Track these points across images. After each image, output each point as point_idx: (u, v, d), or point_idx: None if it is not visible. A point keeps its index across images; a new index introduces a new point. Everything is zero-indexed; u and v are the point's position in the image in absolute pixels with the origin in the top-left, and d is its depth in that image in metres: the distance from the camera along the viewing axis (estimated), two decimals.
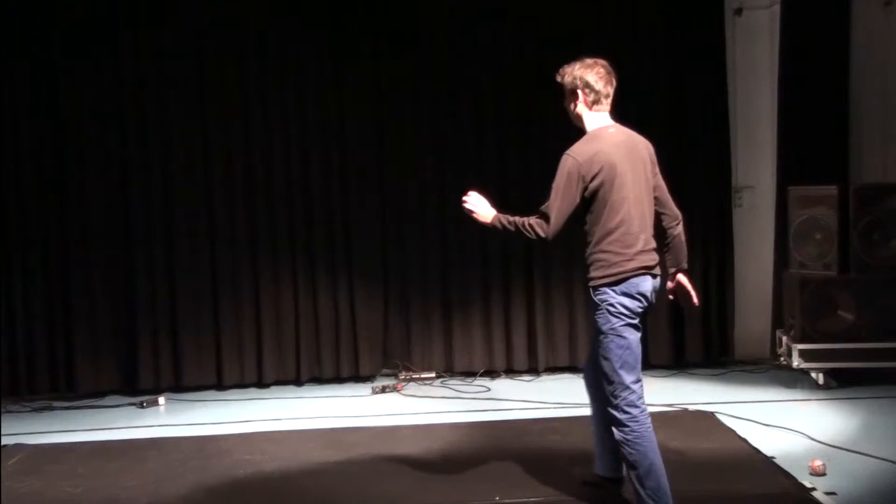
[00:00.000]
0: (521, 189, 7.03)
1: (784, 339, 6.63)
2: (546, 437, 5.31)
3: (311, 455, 5.11)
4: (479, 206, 4.10)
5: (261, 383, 6.99)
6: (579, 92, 4.05)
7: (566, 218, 3.92)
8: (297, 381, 7.01)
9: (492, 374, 7.08)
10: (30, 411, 6.54)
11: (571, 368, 7.12)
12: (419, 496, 4.44)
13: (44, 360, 6.82)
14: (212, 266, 6.92)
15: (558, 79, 4.08)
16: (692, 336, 7.11)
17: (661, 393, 6.35)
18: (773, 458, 4.70)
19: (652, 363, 7.10)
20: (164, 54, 6.83)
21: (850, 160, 7.09)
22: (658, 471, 3.76)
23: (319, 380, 7.06)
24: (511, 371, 7.11)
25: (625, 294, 3.85)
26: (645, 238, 3.94)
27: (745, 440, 5.06)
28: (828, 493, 4.16)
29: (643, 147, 4.09)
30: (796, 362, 6.29)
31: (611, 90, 4.10)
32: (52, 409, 6.60)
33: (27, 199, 6.79)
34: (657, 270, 4.00)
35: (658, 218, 4.14)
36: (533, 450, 5.04)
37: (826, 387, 6.23)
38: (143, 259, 6.86)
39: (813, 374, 6.33)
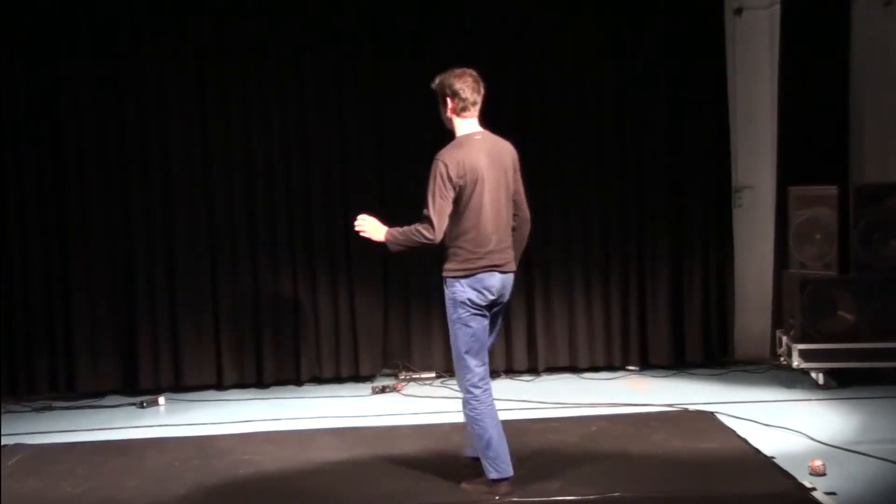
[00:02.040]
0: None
1: (784, 339, 6.63)
2: (546, 437, 5.31)
3: (311, 455, 5.11)
4: (370, 228, 4.39)
5: (261, 383, 6.99)
6: (448, 99, 4.33)
7: (447, 216, 4.22)
8: (297, 381, 7.01)
9: (491, 374, 7.03)
10: (30, 411, 6.54)
11: (571, 368, 7.13)
12: (419, 496, 4.43)
13: (44, 360, 6.82)
14: (212, 266, 6.92)
15: (432, 86, 4.40)
16: (692, 336, 7.11)
17: (661, 393, 6.36)
18: (773, 458, 4.70)
19: (652, 363, 7.12)
20: (164, 54, 6.83)
21: (850, 160, 7.08)
22: (496, 442, 4.25)
23: (319, 380, 7.06)
24: (511, 371, 7.11)
25: (472, 287, 4.24)
26: (497, 239, 4.30)
27: (745, 440, 5.05)
28: (828, 493, 4.16)
29: (507, 154, 4.40)
30: (796, 362, 6.29)
31: (478, 98, 4.37)
32: (52, 409, 6.60)
33: (27, 199, 6.79)
34: (509, 267, 4.36)
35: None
36: (533, 450, 5.03)
37: (826, 387, 6.23)
38: (143, 259, 6.86)
39: (813, 374, 6.33)
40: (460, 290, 4.24)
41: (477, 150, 4.26)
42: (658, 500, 4.26)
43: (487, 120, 6.94)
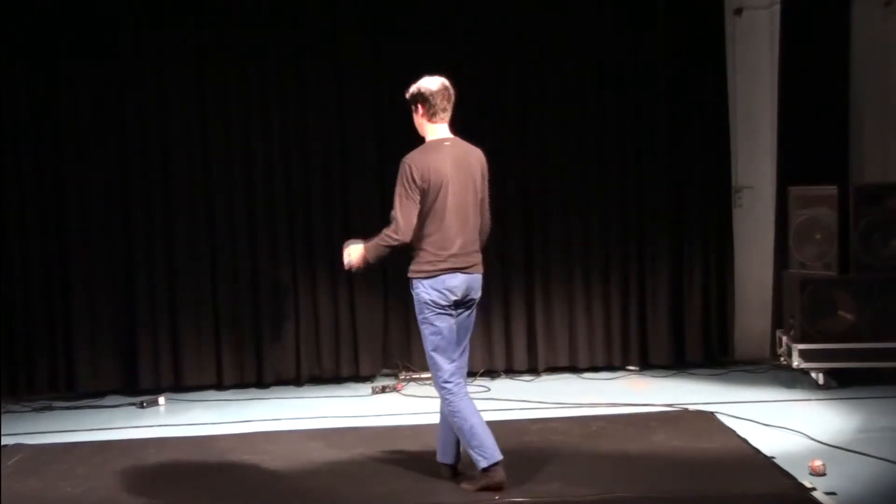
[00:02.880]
0: (520, 190, 7.05)
1: (784, 339, 6.63)
2: (546, 437, 5.31)
3: (311, 455, 5.11)
4: (353, 256, 4.51)
5: (261, 383, 6.99)
6: (419, 105, 4.44)
7: (414, 216, 4.33)
8: (297, 381, 7.01)
9: (492, 374, 7.08)
10: (30, 411, 6.54)
11: (571, 368, 7.13)
12: (419, 496, 4.43)
13: (44, 360, 6.82)
14: (212, 266, 6.92)
15: (406, 93, 4.50)
16: (692, 336, 7.11)
17: (661, 393, 6.36)
18: (773, 458, 4.70)
19: (652, 363, 7.12)
20: (164, 54, 6.83)
21: (850, 160, 7.08)
22: (478, 431, 4.32)
23: (319, 380, 7.06)
24: (511, 371, 7.11)
25: (434, 288, 4.35)
26: (462, 242, 4.39)
27: (745, 440, 5.05)
28: (828, 493, 4.16)
29: (475, 161, 4.49)
30: (796, 362, 6.29)
31: (448, 105, 4.45)
32: (52, 409, 6.60)
33: (27, 199, 6.79)
34: (474, 269, 4.45)
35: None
36: (533, 450, 5.04)
37: (826, 387, 6.23)
38: (143, 259, 6.86)
39: (813, 374, 6.33)
40: (423, 291, 4.36)
41: (444, 156, 4.37)
42: (658, 500, 4.26)
43: (488, 120, 7.00)
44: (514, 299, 7.09)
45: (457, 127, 6.91)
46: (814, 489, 4.21)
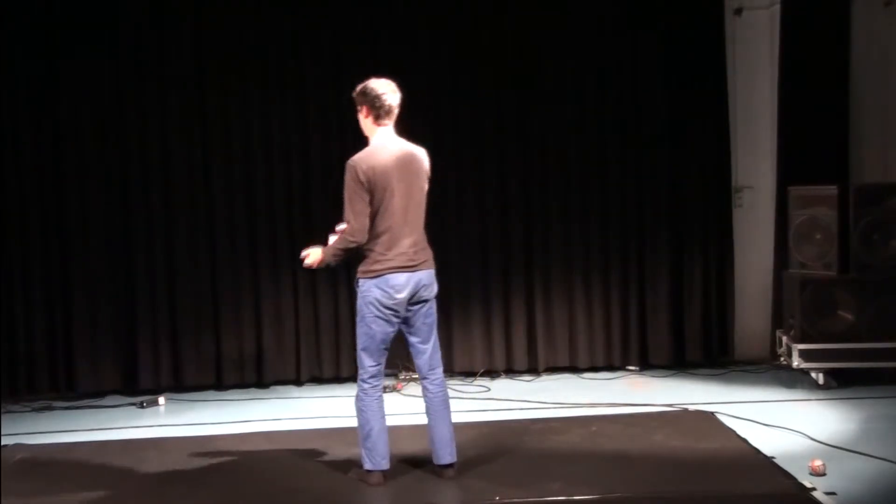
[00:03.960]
0: (520, 190, 7.05)
1: (784, 339, 6.63)
2: (546, 437, 5.31)
3: (311, 455, 5.11)
4: (312, 257, 4.63)
5: (261, 383, 6.99)
6: (364, 107, 4.55)
7: (366, 217, 4.43)
8: (297, 381, 7.01)
9: (492, 374, 7.09)
10: (30, 411, 6.55)
11: (571, 368, 7.13)
12: (419, 496, 4.44)
13: (44, 360, 6.82)
14: (212, 266, 6.92)
15: (353, 94, 4.60)
16: (692, 336, 7.11)
17: (661, 393, 6.36)
18: (773, 458, 4.70)
19: (652, 363, 7.12)
20: (164, 54, 6.83)
21: (850, 160, 7.08)
22: (376, 435, 4.49)
23: (319, 380, 7.06)
24: (511, 371, 7.11)
25: (378, 287, 4.43)
26: (409, 242, 4.47)
27: (745, 440, 5.05)
28: (828, 493, 4.16)
29: (419, 161, 4.56)
30: (796, 362, 6.29)
31: (393, 108, 4.54)
32: (52, 409, 6.60)
33: (27, 200, 6.79)
34: (422, 266, 4.50)
35: None
36: (533, 450, 5.04)
37: (826, 387, 6.23)
38: (143, 259, 6.86)
39: (813, 374, 6.33)
40: (367, 291, 4.45)
41: (388, 157, 4.45)
42: (658, 500, 4.26)
43: (489, 119, 7.00)
44: (514, 299, 7.09)
45: (454, 128, 7.02)
46: (814, 489, 4.21)
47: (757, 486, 4.37)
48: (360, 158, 4.47)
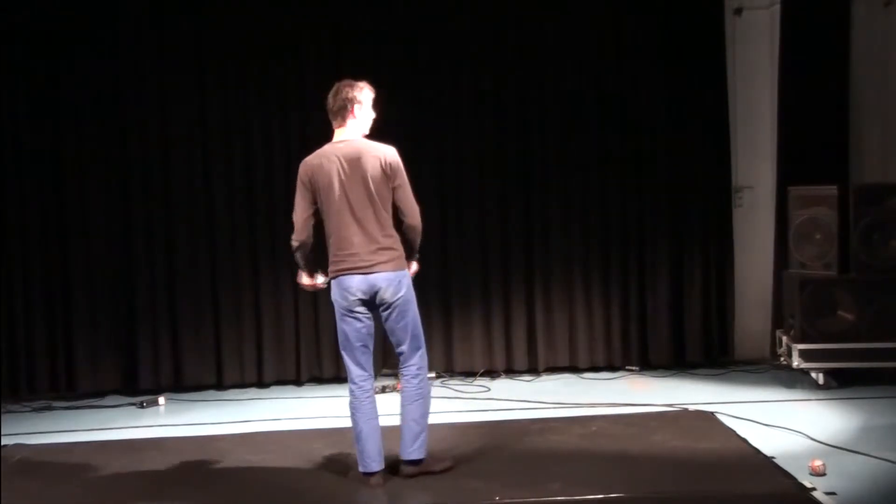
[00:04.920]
0: (519, 191, 7.05)
1: (784, 339, 6.63)
2: (546, 437, 5.31)
3: (311, 455, 5.10)
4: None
5: (261, 383, 6.99)
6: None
7: (305, 219, 4.53)
8: (297, 381, 7.02)
9: (492, 374, 7.09)
10: (30, 411, 6.55)
11: (571, 368, 7.13)
12: (419, 496, 4.44)
13: (44, 360, 6.82)
14: (212, 266, 6.93)
15: None
16: (692, 336, 7.11)
17: (661, 393, 6.36)
18: (773, 458, 4.70)
19: (652, 363, 7.12)
20: (164, 54, 6.84)
21: (850, 160, 7.08)
22: (364, 438, 4.50)
23: (319, 380, 7.06)
24: (511, 371, 7.11)
25: (336, 287, 4.50)
26: (360, 241, 4.44)
27: (745, 440, 5.05)
28: (828, 493, 4.15)
29: (368, 158, 4.48)
30: (796, 362, 6.29)
31: (335, 109, 4.60)
32: (52, 409, 6.60)
33: (27, 200, 6.80)
34: (377, 269, 4.43)
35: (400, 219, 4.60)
36: (533, 450, 5.04)
37: (826, 387, 6.23)
38: (144, 259, 6.87)
39: (813, 374, 6.33)
40: (332, 290, 4.54)
41: (334, 157, 4.49)
42: (658, 500, 4.26)
43: (491, 119, 7.00)
44: (515, 299, 7.09)
45: (454, 129, 7.00)
46: (814, 489, 4.21)
47: (757, 486, 4.36)
48: (306, 159, 4.57)
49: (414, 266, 4.69)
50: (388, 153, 4.53)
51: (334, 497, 4.50)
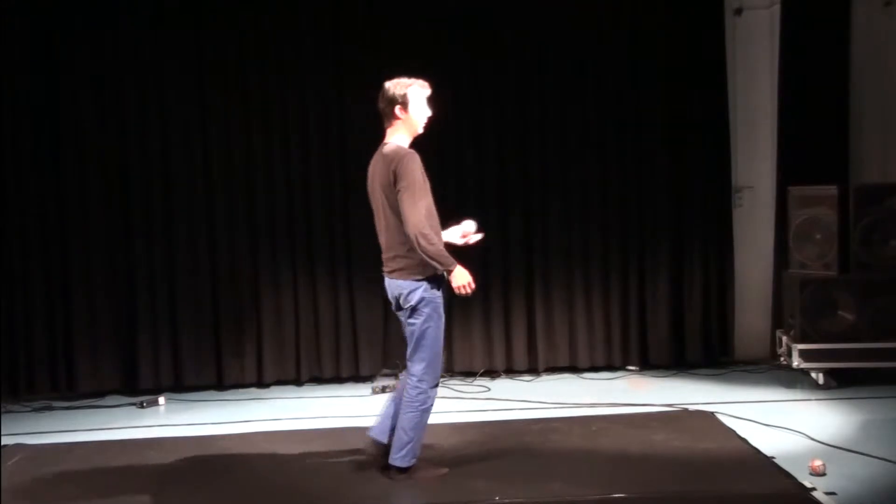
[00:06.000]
0: (520, 189, 7.05)
1: (784, 339, 6.63)
2: (546, 437, 5.31)
3: (311, 455, 5.11)
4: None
5: (261, 383, 6.99)
6: None
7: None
8: (297, 381, 7.01)
9: (492, 374, 7.09)
10: (30, 411, 6.55)
11: (571, 368, 7.13)
12: (419, 496, 4.44)
13: (44, 360, 6.82)
14: (212, 266, 6.92)
15: None
16: (692, 336, 7.11)
17: (661, 393, 6.36)
18: (773, 458, 4.70)
19: (652, 363, 7.12)
20: (164, 54, 6.83)
21: (850, 160, 7.08)
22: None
23: (319, 380, 7.06)
24: (511, 371, 7.11)
25: None
26: (384, 246, 4.59)
27: (745, 440, 5.05)
28: (828, 493, 4.16)
29: (381, 167, 4.48)
30: (796, 362, 6.29)
31: (382, 109, 4.58)
32: (52, 409, 6.60)
33: (27, 200, 6.79)
34: (394, 276, 4.54)
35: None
36: (533, 450, 5.04)
37: (826, 387, 6.23)
38: (143, 259, 6.86)
39: (813, 374, 6.33)
40: None
41: (374, 160, 4.60)
42: (658, 500, 4.26)
43: (495, 121, 7.00)
44: (515, 299, 7.09)
45: (454, 129, 7.00)
46: (814, 489, 4.21)
47: (757, 486, 4.37)
48: None
49: (454, 278, 4.62)
50: (396, 158, 4.38)
51: (334, 497, 4.50)
